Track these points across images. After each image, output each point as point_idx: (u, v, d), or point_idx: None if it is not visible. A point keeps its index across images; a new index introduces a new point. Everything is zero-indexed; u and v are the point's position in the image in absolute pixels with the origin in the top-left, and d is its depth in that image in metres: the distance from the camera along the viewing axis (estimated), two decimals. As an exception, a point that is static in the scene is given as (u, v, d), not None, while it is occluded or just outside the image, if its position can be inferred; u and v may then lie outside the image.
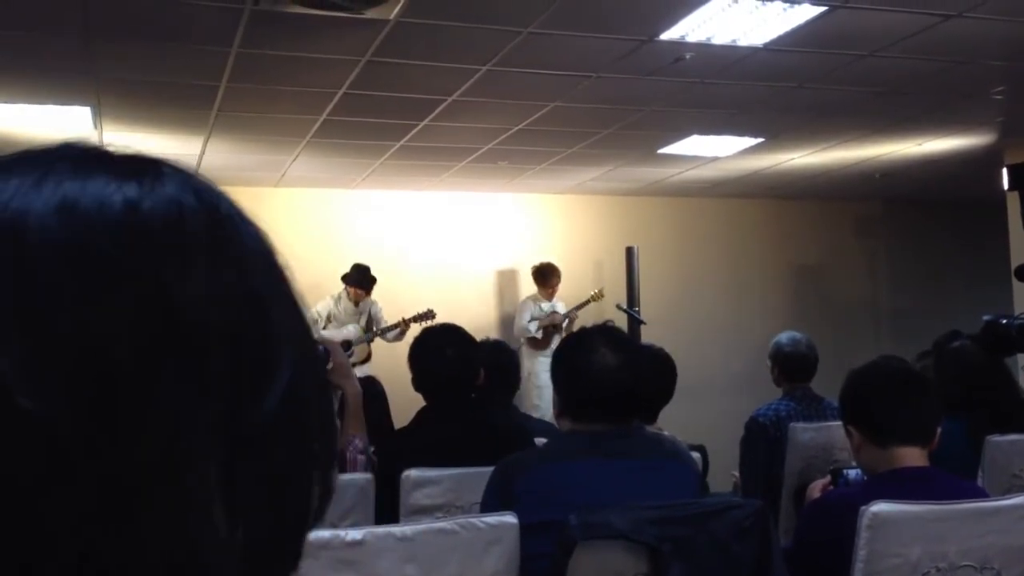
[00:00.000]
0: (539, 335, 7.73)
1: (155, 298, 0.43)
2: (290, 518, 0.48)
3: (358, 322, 7.31)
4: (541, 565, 1.80)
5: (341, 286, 7.45)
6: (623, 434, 2.11)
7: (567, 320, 7.82)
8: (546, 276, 7.90)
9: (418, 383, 3.05)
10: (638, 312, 7.73)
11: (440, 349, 3.02)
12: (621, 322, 7.45)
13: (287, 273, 0.52)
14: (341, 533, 1.61)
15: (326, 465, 0.52)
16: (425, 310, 7.24)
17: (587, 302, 7.91)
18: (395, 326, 7.21)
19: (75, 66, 4.69)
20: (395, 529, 1.68)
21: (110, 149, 0.50)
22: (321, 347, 3.03)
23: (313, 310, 7.26)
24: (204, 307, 0.44)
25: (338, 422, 3.00)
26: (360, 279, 7.30)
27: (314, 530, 0.52)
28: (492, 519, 1.75)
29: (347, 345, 7.05)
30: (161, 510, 0.41)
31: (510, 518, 1.77)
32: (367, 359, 7.21)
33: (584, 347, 2.15)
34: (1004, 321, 2.35)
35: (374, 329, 7.26)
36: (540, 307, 7.97)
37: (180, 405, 0.42)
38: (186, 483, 0.42)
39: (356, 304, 7.35)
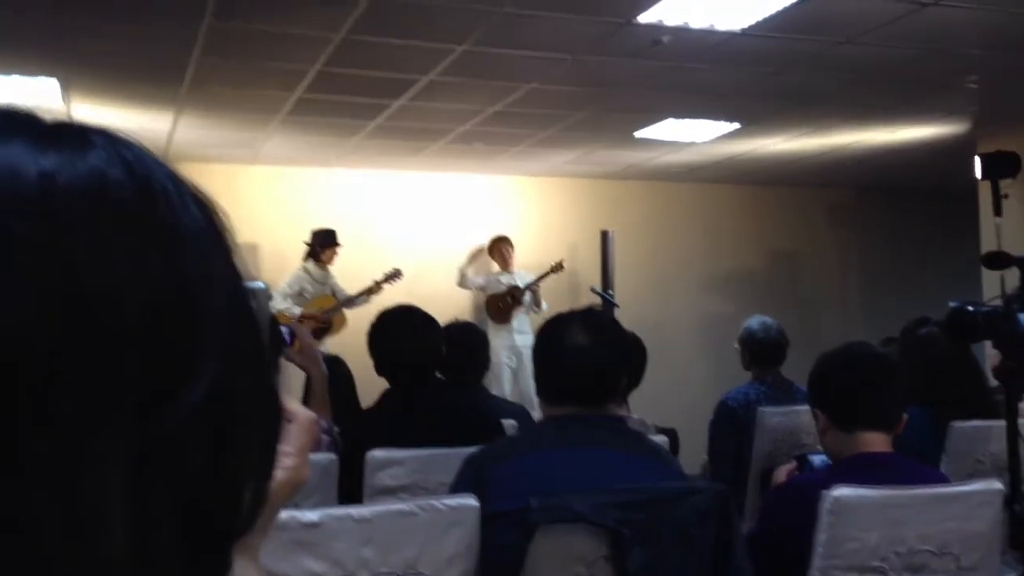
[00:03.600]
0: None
1: (64, 284, 0.39)
2: (208, 529, 0.44)
3: (324, 292, 7.28)
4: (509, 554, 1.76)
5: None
6: (597, 421, 2.05)
7: (528, 293, 7.80)
8: (493, 246, 7.97)
9: (380, 368, 3.01)
10: (612, 296, 7.73)
11: (400, 336, 2.97)
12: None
13: (232, 254, 0.48)
14: (297, 514, 1.59)
15: (260, 472, 0.48)
16: (392, 270, 7.25)
17: (546, 274, 7.89)
18: (367, 291, 7.19)
19: (43, 38, 4.61)
20: (353, 511, 1.66)
21: (41, 115, 0.45)
22: (286, 328, 2.99)
23: (280, 288, 7.16)
24: (120, 295, 0.40)
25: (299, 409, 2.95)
26: (333, 239, 7.25)
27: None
28: (452, 501, 1.73)
29: (326, 316, 7.03)
30: (53, 518, 0.38)
31: (471, 500, 1.75)
32: (343, 326, 7.19)
33: (557, 328, 2.13)
34: (971, 308, 2.35)
35: (337, 298, 7.24)
36: (499, 279, 7.97)
37: (84, 403, 0.39)
38: (82, 489, 0.39)
39: (324, 270, 7.31)
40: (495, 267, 8.18)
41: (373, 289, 7.20)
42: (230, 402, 0.44)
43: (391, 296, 6.85)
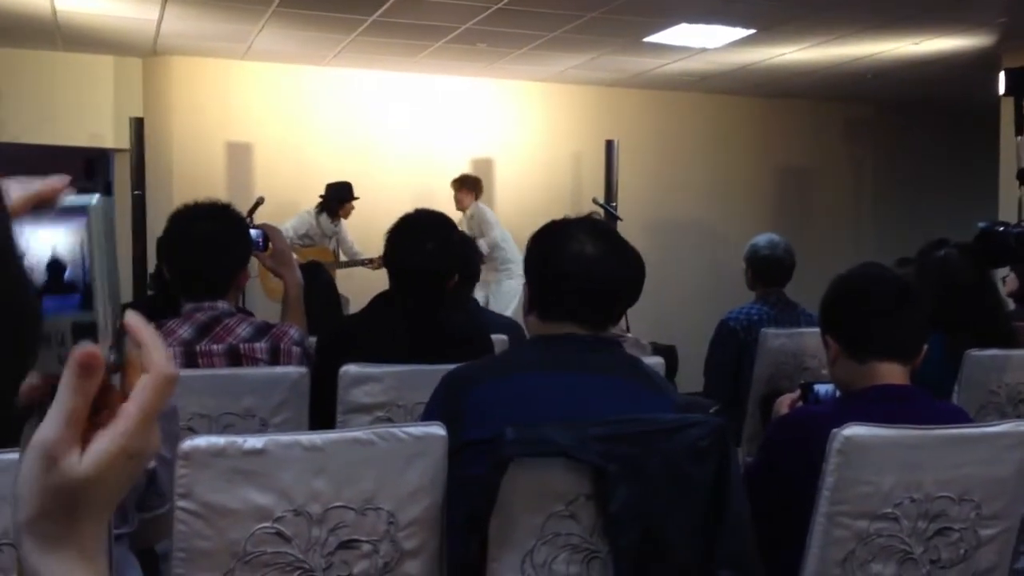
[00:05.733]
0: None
1: None
2: None
3: (328, 245, 7.01)
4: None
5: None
6: (592, 344, 1.83)
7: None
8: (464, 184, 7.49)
9: (388, 264, 2.78)
10: (615, 208, 7.50)
11: (420, 242, 2.72)
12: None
13: None
14: (238, 440, 1.41)
15: None
16: (378, 259, 6.89)
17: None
18: (359, 262, 6.87)
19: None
20: (303, 437, 1.48)
21: None
22: (258, 232, 2.81)
23: (284, 225, 6.87)
24: None
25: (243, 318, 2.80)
26: (349, 193, 6.93)
27: None
28: (416, 430, 1.54)
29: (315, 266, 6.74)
30: None
31: (437, 429, 1.56)
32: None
33: (560, 235, 1.87)
34: (1001, 229, 2.14)
35: (340, 255, 6.95)
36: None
37: None
38: None
39: (336, 225, 7.01)
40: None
41: (376, 261, 6.85)
42: None
43: (386, 201, 6.65)
